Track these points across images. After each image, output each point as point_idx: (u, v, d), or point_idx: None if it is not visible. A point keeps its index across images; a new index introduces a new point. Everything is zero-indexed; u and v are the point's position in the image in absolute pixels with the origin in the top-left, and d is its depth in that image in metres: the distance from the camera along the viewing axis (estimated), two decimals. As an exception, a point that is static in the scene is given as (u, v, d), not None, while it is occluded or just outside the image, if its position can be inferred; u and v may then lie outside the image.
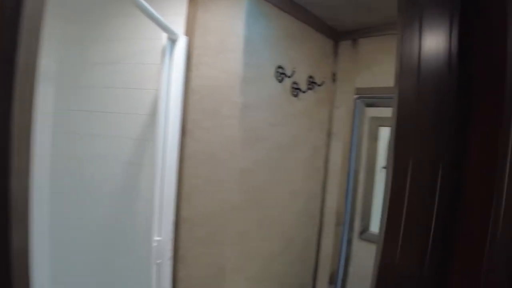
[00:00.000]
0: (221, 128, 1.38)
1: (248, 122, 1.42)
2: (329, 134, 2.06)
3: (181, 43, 1.35)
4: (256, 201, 1.52)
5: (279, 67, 1.55)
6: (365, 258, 1.95)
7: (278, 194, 1.67)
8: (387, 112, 1.91)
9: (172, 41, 1.36)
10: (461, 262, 0.43)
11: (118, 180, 1.53)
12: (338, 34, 2.00)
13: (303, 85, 1.74)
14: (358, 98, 1.97)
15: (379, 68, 1.90)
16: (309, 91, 1.81)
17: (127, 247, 1.52)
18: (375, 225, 1.95)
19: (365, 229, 1.94)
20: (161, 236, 1.42)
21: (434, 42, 0.44)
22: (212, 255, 1.43)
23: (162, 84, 1.36)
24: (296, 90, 1.69)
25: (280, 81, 1.56)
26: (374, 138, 1.93)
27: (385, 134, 2.07)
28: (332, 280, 2.04)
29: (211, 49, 1.35)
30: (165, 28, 1.27)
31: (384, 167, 2.13)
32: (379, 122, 1.92)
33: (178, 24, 1.36)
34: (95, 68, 1.55)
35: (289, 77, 1.59)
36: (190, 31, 1.35)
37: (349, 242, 1.99)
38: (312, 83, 1.81)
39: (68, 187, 1.60)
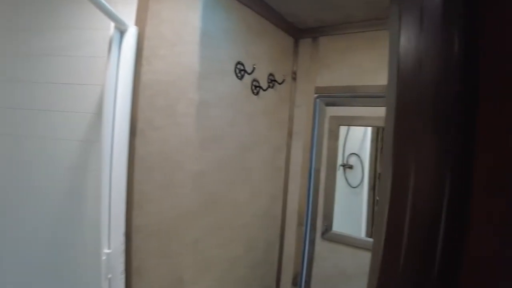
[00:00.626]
0: (176, 127, 1.27)
1: (205, 121, 1.33)
2: (290, 134, 2.02)
3: (131, 34, 1.22)
4: (215, 205, 1.43)
5: (239, 63, 1.47)
6: (328, 258, 1.93)
7: (237, 197, 1.59)
8: (346, 111, 1.92)
9: (121, 31, 1.23)
10: (470, 276, 0.38)
11: (60, 187, 1.36)
12: (299, 32, 1.97)
13: (263, 83, 1.68)
14: (318, 97, 1.95)
15: (339, 67, 1.90)
16: (270, 89, 1.75)
17: (73, 261, 1.35)
18: (337, 225, 1.94)
19: (327, 229, 1.92)
20: (111, 248, 1.28)
21: (437, 34, 0.38)
22: (169, 266, 1.32)
23: (109, 79, 1.22)
24: (257, 88, 1.62)
25: (240, 78, 1.49)
26: (334, 137, 1.92)
27: (344, 132, 2.08)
28: (295, 281, 2.00)
29: (164, 41, 1.24)
30: (112, 17, 1.14)
31: (343, 166, 2.15)
32: (339, 121, 1.91)
33: (127, 13, 1.23)
34: (30, 60, 1.36)
35: (249, 74, 1.52)
36: (141, 21, 1.22)
37: (312, 242, 1.96)
38: (272, 81, 1.76)
39: (1, 195, 1.40)
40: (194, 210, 1.33)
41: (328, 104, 1.93)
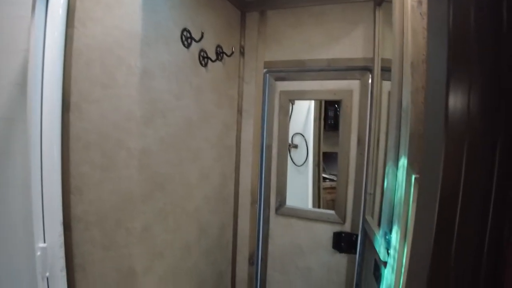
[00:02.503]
0: (116, 99, 1.12)
1: (149, 93, 1.20)
2: (239, 111, 1.95)
3: (57, -10, 1.04)
4: (162, 188, 1.31)
5: (185, 30, 1.35)
6: (283, 234, 1.93)
7: (187, 178, 1.48)
8: (297, 85, 1.91)
9: (45, -14, 1.04)
10: None
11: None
12: (246, 5, 1.88)
13: (212, 55, 1.58)
14: (268, 72, 1.91)
15: (287, 41, 1.86)
16: (218, 62, 1.66)
17: (-1, 259, 1.16)
18: (290, 200, 1.94)
19: (281, 204, 1.91)
20: (47, 241, 1.11)
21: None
22: (117, 257, 1.19)
23: (35, 44, 1.03)
24: (205, 59, 1.52)
25: (187, 46, 1.37)
26: (285, 112, 1.90)
27: (295, 107, 2.07)
28: (251, 260, 1.98)
29: (101, 2, 1.08)
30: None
31: (288, 146, 2.15)
32: (289, 95, 1.89)
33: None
34: None
35: (197, 41, 1.41)
36: (70, -23, 1.05)
37: (266, 219, 1.94)
38: (221, 53, 1.66)
39: None
40: (140, 193, 1.20)
41: (278, 79, 1.90)
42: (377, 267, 1.41)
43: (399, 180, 1.08)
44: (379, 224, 1.47)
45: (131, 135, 1.17)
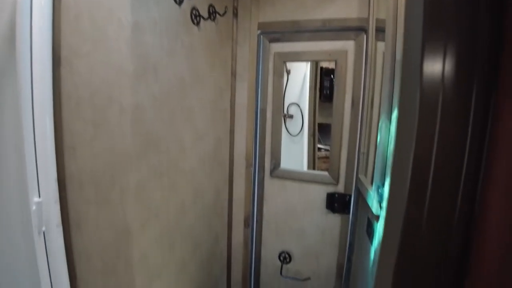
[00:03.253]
0: (107, 54, 1.09)
1: (140, 48, 1.17)
2: (233, 74, 1.93)
3: None
4: (156, 146, 1.31)
5: (175, -16, 1.31)
6: (277, 196, 1.96)
7: (181, 139, 1.48)
8: (291, 47, 1.87)
9: None
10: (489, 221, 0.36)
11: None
12: (237, -39, 1.82)
13: (204, 13, 1.54)
14: (262, 33, 1.87)
15: (281, 1, 1.81)
16: (211, 22, 1.61)
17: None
18: (284, 162, 1.96)
19: (275, 166, 1.93)
20: (42, 197, 1.12)
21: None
22: (111, 215, 1.20)
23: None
24: (197, 17, 1.47)
25: (178, 3, 1.33)
26: (279, 74, 1.88)
27: (291, 77, 2.05)
28: (247, 223, 2.01)
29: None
30: None
31: (284, 116, 2.14)
32: (284, 57, 1.86)
33: None
34: None
35: (188, -3, 1.36)
36: None
37: (261, 182, 1.96)
38: (214, 12, 1.62)
39: None
40: (133, 151, 1.20)
41: (272, 41, 1.86)
42: (370, 223, 1.45)
43: (392, 133, 1.08)
44: (372, 182, 1.49)
45: (122, 90, 1.15)
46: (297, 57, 1.86)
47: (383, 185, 1.22)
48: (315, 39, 1.79)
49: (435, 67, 0.45)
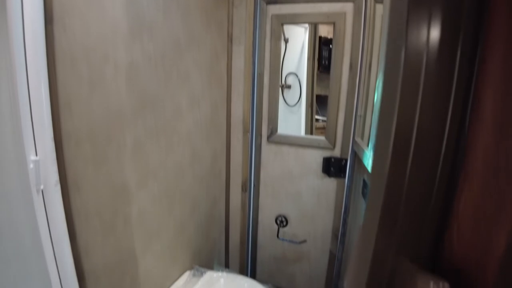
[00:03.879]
0: (100, 11, 1.07)
1: (135, 6, 1.14)
2: (229, 37, 1.89)
3: None
4: (152, 106, 1.30)
5: None
6: (274, 161, 1.98)
7: (177, 101, 1.47)
8: (289, 8, 1.83)
9: None
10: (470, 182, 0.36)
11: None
12: None
13: (198, -30, 1.49)
14: (258, -6, 1.82)
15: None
16: (206, -20, 1.57)
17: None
18: (282, 127, 1.96)
19: (272, 131, 1.93)
20: (39, 155, 1.12)
21: None
22: (109, 174, 1.21)
23: None
24: (190, -27, 1.43)
25: (171, -43, 1.28)
26: (277, 37, 1.84)
27: (289, 46, 2.01)
28: (244, 187, 2.04)
29: None
30: None
31: (281, 86, 2.11)
32: (282, 19, 1.82)
33: None
34: None
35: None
36: None
37: (258, 147, 1.97)
38: (208, -30, 1.57)
39: None
40: (129, 109, 1.19)
41: (269, 3, 1.81)
42: (366, 185, 1.47)
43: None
44: (368, 143, 1.51)
45: (117, 49, 1.13)
46: (295, 19, 1.82)
47: (378, 144, 1.23)
48: (313, 0, 1.74)
49: (420, 26, 0.44)
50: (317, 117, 2.46)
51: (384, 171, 0.42)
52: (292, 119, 2.33)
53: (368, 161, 1.31)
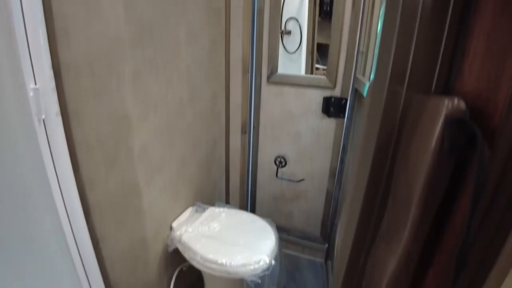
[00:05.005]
0: None
1: None
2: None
3: None
4: (151, 37, 1.26)
5: None
6: (274, 102, 1.97)
7: (175, 33, 1.42)
8: None
9: None
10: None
11: None
12: None
13: None
14: None
15: None
16: None
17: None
18: (282, 67, 1.93)
19: (272, 71, 1.90)
20: (38, 84, 1.11)
21: None
22: (110, 105, 1.21)
23: None
24: None
25: None
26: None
27: None
28: (244, 129, 2.05)
29: None
30: None
31: (281, 32, 2.01)
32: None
33: None
34: None
35: None
36: None
37: (258, 88, 1.96)
38: None
39: None
40: (128, 38, 1.16)
41: None
42: (364, 121, 1.48)
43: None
44: (370, 78, 1.49)
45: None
46: None
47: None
48: None
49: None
50: (317, 66, 2.41)
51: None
52: (292, 67, 2.29)
53: (369, 94, 1.31)
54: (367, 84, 1.37)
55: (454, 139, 0.27)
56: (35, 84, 1.10)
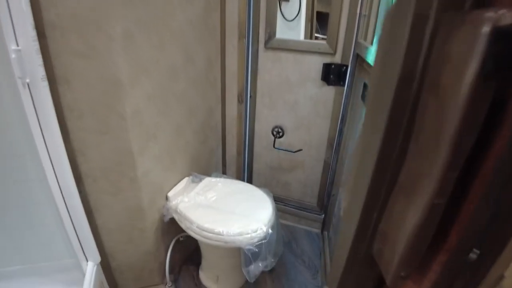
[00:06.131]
0: None
1: None
2: None
3: None
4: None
5: None
6: (271, 69, 1.90)
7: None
8: None
9: None
10: None
11: None
12: None
13: None
14: None
15: None
16: None
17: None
18: (284, 32, 1.85)
19: (270, 36, 1.82)
20: (21, 45, 1.03)
21: None
22: (99, 69, 1.14)
23: None
24: None
25: None
26: None
27: None
28: (241, 98, 1.99)
29: None
30: None
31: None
32: None
33: None
34: None
35: None
36: None
37: (255, 54, 1.88)
38: None
39: None
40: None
41: None
42: (366, 87, 1.43)
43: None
44: (372, 41, 1.43)
45: None
46: None
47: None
48: None
49: None
50: (316, 35, 2.32)
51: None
52: (290, 35, 2.20)
53: (372, 56, 1.25)
54: (369, 48, 1.31)
55: (500, 58, 0.23)
56: (17, 45, 1.03)
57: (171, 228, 1.66)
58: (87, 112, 1.20)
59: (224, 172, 2.27)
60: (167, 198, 1.57)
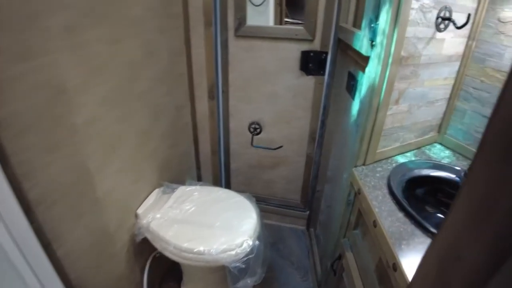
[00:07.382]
0: None
1: None
2: None
3: None
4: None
5: None
6: (244, 59, 1.71)
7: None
8: None
9: None
10: None
11: None
12: None
13: None
14: None
15: None
16: None
17: None
18: (252, 18, 1.66)
19: (241, 23, 1.62)
20: None
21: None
22: (39, 74, 0.91)
23: None
24: None
25: None
26: None
27: None
28: (211, 94, 1.79)
29: None
30: None
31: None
32: None
33: None
34: None
35: None
36: None
37: (224, 43, 1.68)
38: None
39: None
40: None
41: None
42: (352, 77, 1.28)
43: None
44: (356, 26, 1.28)
45: None
46: None
47: (376, 18, 1.01)
48: None
49: None
50: (286, 19, 2.15)
51: None
52: (259, 20, 2.02)
53: (361, 43, 1.10)
54: (358, 33, 1.15)
55: None
56: None
57: (145, 246, 1.46)
58: (29, 127, 0.97)
59: (199, 177, 2.08)
60: (136, 216, 1.37)
